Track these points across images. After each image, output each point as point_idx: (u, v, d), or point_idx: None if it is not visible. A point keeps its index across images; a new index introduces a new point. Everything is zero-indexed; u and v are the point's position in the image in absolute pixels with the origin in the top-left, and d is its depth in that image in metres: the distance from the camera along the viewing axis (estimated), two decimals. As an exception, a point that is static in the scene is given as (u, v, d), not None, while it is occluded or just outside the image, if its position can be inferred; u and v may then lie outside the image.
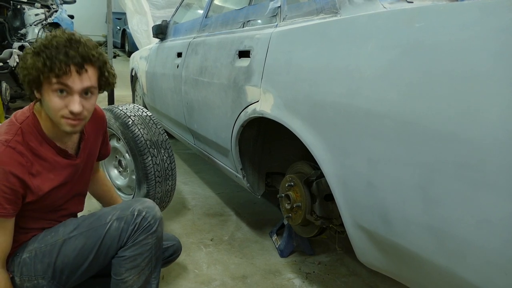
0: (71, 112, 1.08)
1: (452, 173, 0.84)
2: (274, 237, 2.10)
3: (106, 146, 1.50)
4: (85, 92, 1.11)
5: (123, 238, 1.18)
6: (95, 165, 1.48)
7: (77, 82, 1.07)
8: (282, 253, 1.98)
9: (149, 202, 1.25)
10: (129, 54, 9.56)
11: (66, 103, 1.08)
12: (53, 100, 1.07)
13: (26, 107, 1.20)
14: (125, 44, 10.82)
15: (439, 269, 0.92)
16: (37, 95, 1.12)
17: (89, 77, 1.10)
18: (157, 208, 1.25)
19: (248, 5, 1.93)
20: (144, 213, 1.20)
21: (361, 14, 1.12)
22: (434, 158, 0.87)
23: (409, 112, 0.91)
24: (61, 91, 1.07)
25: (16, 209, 1.11)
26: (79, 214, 1.40)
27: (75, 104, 1.07)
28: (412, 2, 1.17)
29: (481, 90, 0.78)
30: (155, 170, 1.92)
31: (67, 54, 1.04)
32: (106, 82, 1.17)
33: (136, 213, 1.19)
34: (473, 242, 0.82)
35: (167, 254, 1.49)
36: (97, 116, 1.38)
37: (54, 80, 1.05)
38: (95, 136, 1.38)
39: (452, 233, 0.86)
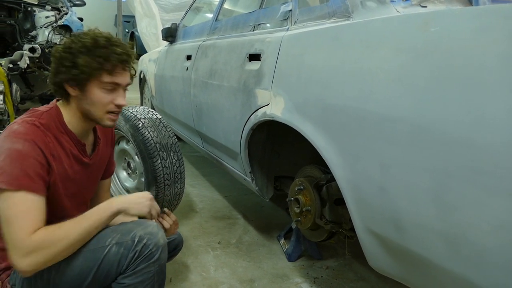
0: (118, 106, 1.16)
1: (466, 178, 0.83)
2: (282, 241, 2.09)
3: (111, 163, 1.48)
4: (124, 88, 1.19)
5: (122, 264, 1.10)
6: (106, 186, 1.47)
7: (125, 78, 1.17)
8: (290, 257, 1.97)
9: (152, 227, 1.15)
10: (137, 57, 9.61)
11: (112, 98, 1.15)
12: (101, 96, 1.13)
13: (46, 105, 1.21)
14: (134, 47, 10.92)
15: (452, 275, 0.91)
16: (73, 92, 1.14)
17: (130, 74, 1.20)
18: (160, 233, 1.15)
19: (259, 8, 1.94)
20: (145, 240, 1.10)
21: (375, 18, 1.12)
22: (448, 163, 0.86)
23: (423, 116, 0.90)
24: (110, 87, 1.14)
25: (45, 189, 1.07)
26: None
27: (122, 98, 1.17)
28: (426, 7, 1.17)
29: (496, 95, 0.77)
30: (164, 173, 1.93)
31: (116, 52, 1.11)
32: (131, 79, 1.25)
33: (136, 240, 1.10)
34: (488, 248, 0.81)
35: (169, 249, 1.45)
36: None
37: (107, 78, 1.12)
38: (105, 145, 1.38)
39: (466, 239, 0.85)
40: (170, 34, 3.19)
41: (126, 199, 1.18)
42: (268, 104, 1.57)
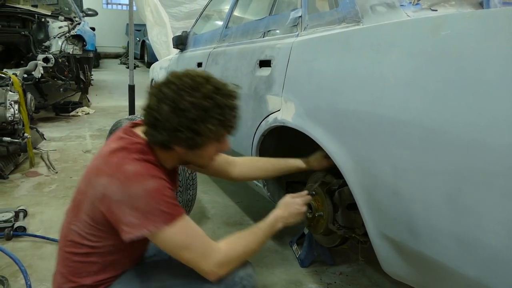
0: (221, 151, 1.18)
1: (480, 180, 0.82)
2: (295, 246, 2.08)
3: None
4: None
5: None
6: (224, 165, 1.47)
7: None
8: (303, 263, 1.97)
9: (250, 268, 1.17)
10: (148, 65, 9.73)
11: (219, 148, 1.15)
12: (212, 151, 1.13)
13: (122, 138, 1.10)
14: (145, 55, 11.03)
15: (468, 280, 0.90)
16: (180, 151, 1.08)
17: None
18: (255, 275, 1.18)
19: (269, 15, 1.95)
20: (245, 281, 1.13)
21: (385, 23, 1.12)
22: (461, 166, 0.85)
23: (435, 119, 0.90)
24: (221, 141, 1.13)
25: None
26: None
27: (228, 145, 1.17)
28: (436, 11, 1.17)
29: (508, 97, 0.77)
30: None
31: (233, 108, 1.09)
32: None
33: (236, 279, 1.11)
34: (503, 251, 0.80)
35: None
36: None
37: (223, 137, 1.12)
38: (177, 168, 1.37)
39: (481, 242, 0.84)
40: (180, 42, 3.23)
41: (287, 214, 1.25)
42: (279, 110, 1.58)
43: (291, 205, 1.27)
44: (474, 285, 0.89)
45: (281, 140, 1.82)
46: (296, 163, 1.56)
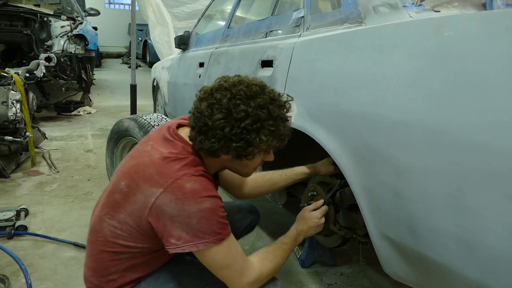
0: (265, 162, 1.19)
1: (482, 182, 0.82)
2: (295, 247, 2.08)
3: None
4: None
5: None
6: (239, 179, 1.46)
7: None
8: (304, 264, 1.96)
9: (277, 284, 1.20)
10: (150, 64, 9.75)
11: (263, 158, 1.15)
12: (258, 161, 1.14)
13: (170, 140, 1.09)
14: (147, 55, 11.05)
15: (469, 282, 0.90)
16: (226, 157, 1.08)
17: None
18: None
19: (271, 15, 1.95)
20: None
21: (388, 23, 1.12)
22: (464, 167, 0.85)
23: (438, 121, 0.90)
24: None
25: None
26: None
27: (272, 156, 1.17)
28: (439, 12, 1.16)
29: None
30: (178, 178, 1.94)
31: (286, 120, 1.09)
32: None
33: None
34: (505, 253, 0.80)
35: (243, 226, 1.55)
36: None
37: (273, 148, 1.11)
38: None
39: (483, 245, 0.84)
40: (182, 42, 3.23)
41: (307, 227, 1.32)
42: (281, 110, 1.57)
43: (310, 220, 1.33)
44: (475, 287, 0.89)
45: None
46: (303, 169, 1.56)
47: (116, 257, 1.09)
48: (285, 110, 1.08)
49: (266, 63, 1.74)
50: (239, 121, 0.99)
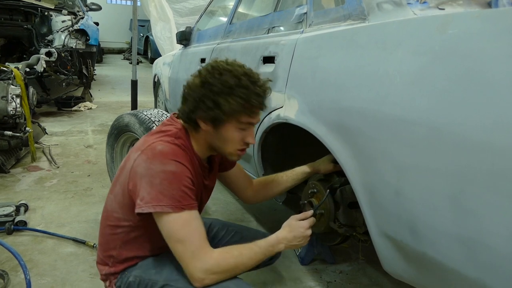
0: (247, 144, 1.17)
1: (484, 182, 0.81)
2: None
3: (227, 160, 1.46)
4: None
5: None
6: (244, 181, 1.49)
7: (259, 117, 1.17)
8: (303, 261, 1.96)
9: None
10: (151, 60, 9.73)
11: (244, 136, 1.16)
12: (235, 135, 1.14)
13: (166, 124, 1.21)
14: (148, 51, 11.03)
15: (469, 281, 0.89)
16: (205, 127, 1.14)
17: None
18: None
19: (274, 11, 1.94)
20: None
21: (392, 20, 1.11)
22: (466, 166, 0.84)
23: (441, 119, 0.89)
24: (245, 127, 1.14)
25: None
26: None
27: (253, 136, 1.18)
28: (443, 9, 1.15)
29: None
30: (178, 174, 1.93)
31: (259, 95, 1.11)
32: None
33: None
34: (506, 253, 0.79)
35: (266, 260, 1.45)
36: None
37: (245, 119, 1.12)
38: (216, 164, 1.38)
39: (484, 244, 0.83)
40: (184, 38, 3.22)
41: (291, 236, 1.20)
42: (282, 107, 1.57)
43: (296, 228, 1.22)
44: (474, 286, 0.88)
45: (284, 137, 1.81)
46: (303, 169, 1.55)
47: (114, 232, 1.18)
48: (259, 86, 1.11)
49: (268, 59, 1.73)
50: (212, 85, 1.08)
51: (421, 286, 1.12)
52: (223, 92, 1.08)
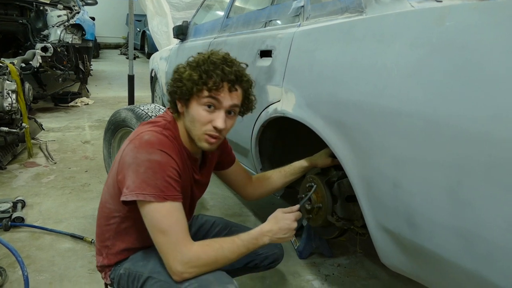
0: (215, 128, 1.10)
1: (482, 174, 0.81)
2: (293, 238, 2.08)
3: (227, 156, 1.46)
4: (229, 111, 1.13)
5: None
6: (244, 178, 1.49)
7: (227, 98, 1.10)
8: (301, 255, 1.97)
9: (230, 285, 1.06)
10: (148, 55, 9.69)
11: (211, 118, 1.10)
12: (200, 114, 1.10)
13: (158, 117, 1.23)
14: (145, 46, 10.98)
15: (466, 272, 0.89)
16: (181, 108, 1.15)
17: (237, 96, 1.13)
18: None
19: (271, 5, 1.93)
20: None
21: (389, 13, 1.10)
22: (464, 159, 0.84)
23: (439, 111, 0.89)
24: (209, 105, 1.10)
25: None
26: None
27: (220, 120, 1.10)
28: (441, 1, 1.15)
29: (514, 89, 0.76)
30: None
31: (223, 70, 1.08)
32: (247, 106, 1.20)
33: None
34: (504, 245, 0.79)
35: (266, 263, 1.43)
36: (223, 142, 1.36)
37: (206, 93, 1.08)
38: (212, 161, 1.37)
39: (481, 236, 0.83)
40: (181, 32, 3.20)
41: (277, 228, 1.17)
42: (279, 101, 1.56)
43: (282, 220, 1.19)
44: (472, 278, 0.89)
45: (281, 131, 1.81)
46: (301, 164, 1.54)
47: (107, 222, 1.20)
48: (227, 64, 1.10)
49: (265, 53, 1.73)
50: (186, 65, 1.14)
51: (419, 279, 1.13)
52: (190, 67, 1.11)
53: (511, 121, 0.76)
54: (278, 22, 1.82)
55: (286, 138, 1.86)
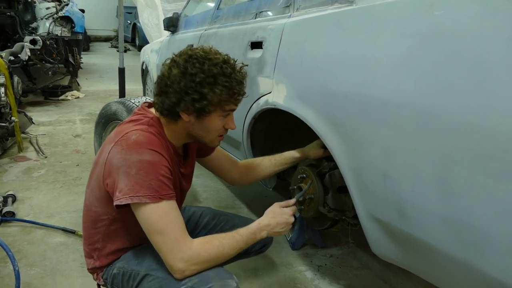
0: (227, 130, 1.18)
1: (471, 163, 0.82)
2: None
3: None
4: None
5: None
6: (227, 163, 1.48)
7: (237, 105, 1.16)
8: (294, 246, 1.98)
9: (231, 281, 1.05)
10: (139, 48, 9.60)
11: (225, 123, 1.15)
12: (217, 123, 1.13)
13: (136, 113, 1.19)
14: (136, 38, 10.87)
15: (456, 261, 0.90)
16: (187, 118, 1.11)
17: None
18: None
19: (261, -4, 1.91)
20: None
21: (378, 3, 1.10)
22: (453, 148, 0.85)
23: (428, 102, 0.89)
24: (227, 114, 1.14)
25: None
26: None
27: (233, 122, 1.18)
28: (430, -10, 1.14)
29: (503, 79, 0.76)
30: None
31: (240, 82, 1.10)
32: None
33: None
34: (492, 234, 0.80)
35: (256, 248, 1.43)
36: None
37: (232, 106, 1.13)
38: (193, 150, 1.36)
39: (470, 225, 0.84)
40: (172, 24, 3.17)
41: (274, 223, 1.18)
42: (270, 92, 1.56)
43: (279, 215, 1.21)
44: (462, 267, 0.90)
45: (273, 122, 1.81)
46: (292, 154, 1.54)
47: (95, 226, 1.18)
48: (239, 73, 1.11)
49: (256, 45, 1.72)
50: (194, 76, 1.05)
51: (410, 268, 1.14)
52: (207, 82, 1.05)
53: (497, 111, 0.76)
54: (269, 13, 1.81)
55: (278, 130, 1.85)
